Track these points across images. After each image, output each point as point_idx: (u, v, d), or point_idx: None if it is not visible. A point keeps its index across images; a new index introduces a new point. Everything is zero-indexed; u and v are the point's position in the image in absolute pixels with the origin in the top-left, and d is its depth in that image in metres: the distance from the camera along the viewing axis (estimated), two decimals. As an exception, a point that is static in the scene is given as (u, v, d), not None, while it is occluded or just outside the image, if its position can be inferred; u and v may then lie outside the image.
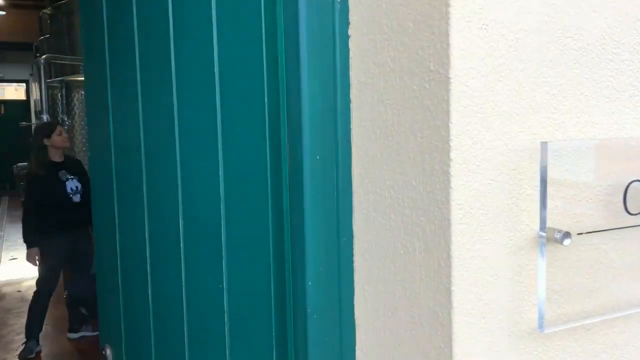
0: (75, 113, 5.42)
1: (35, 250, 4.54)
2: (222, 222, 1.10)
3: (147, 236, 1.33)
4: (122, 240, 1.43)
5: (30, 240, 4.61)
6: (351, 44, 0.89)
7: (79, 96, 5.41)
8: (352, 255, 0.92)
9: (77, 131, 5.27)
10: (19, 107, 13.97)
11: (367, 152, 0.87)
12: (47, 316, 5.51)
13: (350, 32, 0.89)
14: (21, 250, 7.94)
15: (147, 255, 1.33)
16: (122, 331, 1.48)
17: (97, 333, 5.01)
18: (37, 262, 4.59)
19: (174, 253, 1.24)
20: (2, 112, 13.94)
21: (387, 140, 0.83)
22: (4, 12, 12.76)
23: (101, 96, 1.46)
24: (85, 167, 4.62)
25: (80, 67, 6.74)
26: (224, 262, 1.11)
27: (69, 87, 5.34)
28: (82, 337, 5.01)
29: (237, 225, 1.07)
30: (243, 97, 1.03)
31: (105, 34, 1.45)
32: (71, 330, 5.02)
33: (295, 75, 0.90)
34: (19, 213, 10.95)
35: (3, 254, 7.83)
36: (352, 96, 0.90)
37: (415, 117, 0.77)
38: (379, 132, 0.84)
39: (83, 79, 5.37)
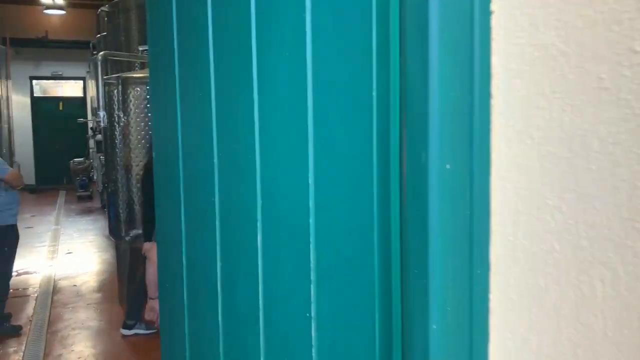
0: (130, 109, 5.40)
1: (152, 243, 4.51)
2: (311, 239, 0.92)
3: (218, 250, 1.17)
4: (190, 253, 1.27)
5: (149, 233, 4.59)
6: (494, 21, 0.69)
7: (134, 93, 5.38)
8: (487, 292, 0.72)
9: (132, 127, 5.25)
10: (77, 104, 14.32)
11: (516, 160, 0.67)
12: (101, 312, 5.54)
13: (493, 7, 0.69)
14: (77, 244, 8.07)
15: (218, 272, 1.16)
16: (186, 354, 1.33)
17: (150, 332, 4.97)
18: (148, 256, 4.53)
19: (250, 271, 1.07)
20: (61, 108, 14.33)
21: (552, 146, 0.62)
22: (64, 12, 13.08)
23: (169, 97, 1.30)
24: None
25: (136, 64, 6.75)
26: (312, 286, 0.93)
27: (125, 84, 5.32)
28: (135, 334, 4.97)
29: (330, 245, 0.89)
30: (342, 89, 0.84)
31: (175, 29, 1.30)
32: (125, 327, 4.99)
33: (419, 62, 0.71)
34: (75, 207, 11.23)
35: (60, 247, 7.98)
36: (493, 89, 0.70)
37: (601, 116, 0.57)
38: (537, 136, 0.64)
39: (139, 75, 5.33)
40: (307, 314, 0.94)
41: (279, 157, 0.99)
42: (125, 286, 5.52)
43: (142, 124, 5.23)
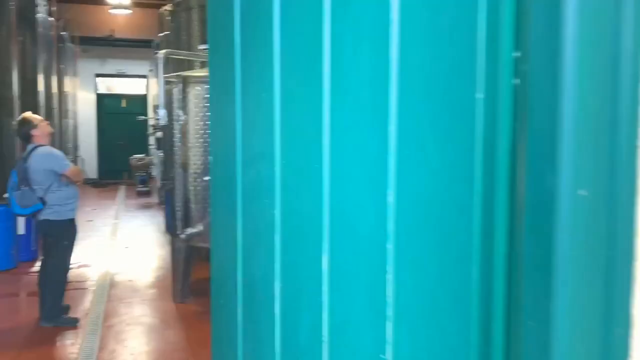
0: (190, 108, 5.40)
1: None
2: (389, 268, 0.77)
3: (277, 269, 1.04)
4: (246, 268, 1.15)
5: None
6: (651, 3, 0.53)
7: (194, 91, 5.38)
8: (627, 357, 0.55)
9: (191, 126, 5.24)
10: (139, 101, 14.70)
11: (681, 189, 0.50)
12: (155, 309, 5.56)
13: (649, -17, 0.53)
14: (134, 239, 8.22)
15: (276, 294, 1.03)
16: (238, 378, 1.21)
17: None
18: None
19: (314, 298, 0.93)
20: (124, 105, 14.74)
21: None
22: (129, 11, 13.44)
23: (228, 98, 1.19)
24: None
25: (196, 63, 6.79)
26: (388, 324, 0.78)
27: (185, 83, 5.33)
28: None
29: (413, 277, 0.74)
30: (437, 89, 0.69)
31: (237, 24, 1.18)
32: None
33: (547, 57, 0.55)
34: (134, 202, 11.49)
35: (118, 241, 8.14)
36: (646, 92, 0.53)
37: None
38: None
39: (199, 74, 5.31)
40: (382, 356, 0.80)
41: (351, 168, 0.85)
42: (180, 283, 5.52)
43: (201, 122, 5.22)
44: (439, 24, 0.68)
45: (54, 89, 10.15)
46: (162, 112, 5.59)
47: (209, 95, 1.36)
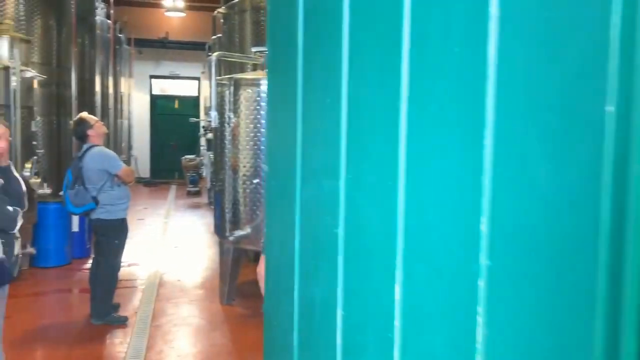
0: (241, 111, 5.39)
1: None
2: (480, 309, 0.65)
3: (339, 295, 0.93)
4: (303, 292, 1.05)
5: None
6: None
7: (245, 94, 5.37)
8: None
9: (242, 129, 5.23)
10: (191, 103, 14.95)
11: None
12: (202, 310, 5.58)
13: None
14: (184, 239, 8.30)
15: (338, 324, 0.93)
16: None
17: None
18: None
19: (383, 333, 0.82)
20: (176, 106, 15.01)
21: None
22: (183, 14, 13.67)
23: (288, 103, 1.09)
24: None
25: (248, 66, 6.79)
26: (476, 374, 0.66)
27: (237, 85, 5.32)
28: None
29: (513, 326, 0.62)
30: (550, 99, 0.57)
31: (300, 26, 1.08)
32: None
33: None
34: (184, 202, 11.66)
35: (167, 241, 8.24)
36: None
37: None
38: None
39: (250, 77, 5.30)
40: (466, 410, 0.67)
41: (434, 188, 0.73)
42: (227, 285, 5.51)
43: (251, 125, 5.19)
44: (554, 18, 0.56)
45: (110, 89, 10.41)
46: (213, 114, 5.60)
47: (266, 101, 1.27)
